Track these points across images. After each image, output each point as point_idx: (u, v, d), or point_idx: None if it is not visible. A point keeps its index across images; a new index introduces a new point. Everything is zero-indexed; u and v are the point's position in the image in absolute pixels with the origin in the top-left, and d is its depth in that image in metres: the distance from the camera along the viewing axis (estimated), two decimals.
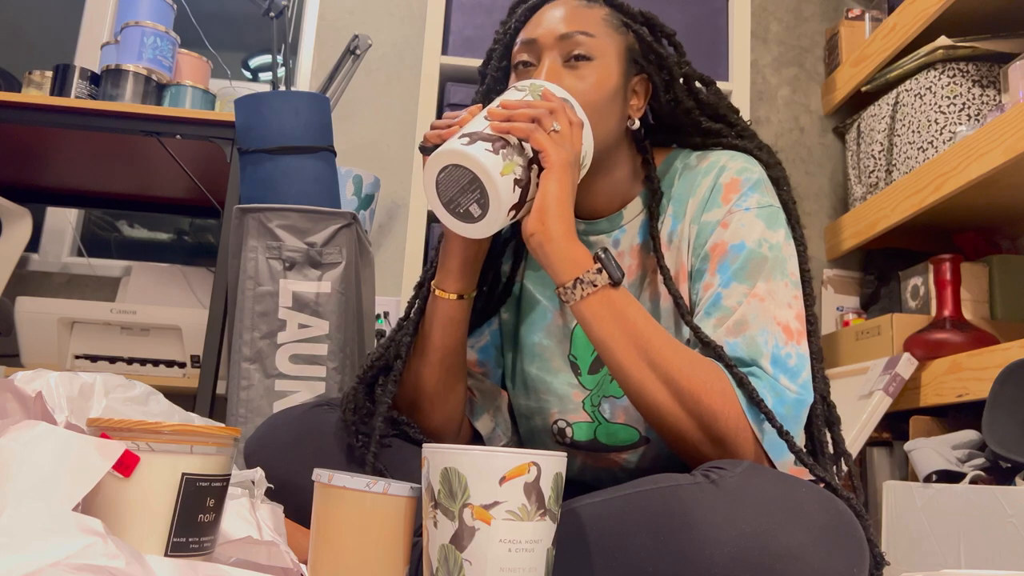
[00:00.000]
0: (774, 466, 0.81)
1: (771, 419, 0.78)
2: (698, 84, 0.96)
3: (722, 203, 0.89)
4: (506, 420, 1.04)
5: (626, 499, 0.74)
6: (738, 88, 1.93)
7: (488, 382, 1.03)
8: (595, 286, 0.78)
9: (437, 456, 0.63)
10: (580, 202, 0.94)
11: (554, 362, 0.97)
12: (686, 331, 0.90)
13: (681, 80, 0.94)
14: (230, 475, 0.65)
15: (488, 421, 1.01)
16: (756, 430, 0.79)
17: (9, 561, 0.45)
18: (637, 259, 0.94)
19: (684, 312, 0.86)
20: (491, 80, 0.96)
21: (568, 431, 0.97)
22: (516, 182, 0.78)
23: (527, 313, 1.00)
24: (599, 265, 0.78)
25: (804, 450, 0.81)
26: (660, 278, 0.91)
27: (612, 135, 0.90)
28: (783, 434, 0.78)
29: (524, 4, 0.94)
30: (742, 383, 0.78)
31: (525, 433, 1.04)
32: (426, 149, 0.83)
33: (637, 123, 0.93)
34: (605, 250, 0.79)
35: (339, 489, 0.67)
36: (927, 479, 1.41)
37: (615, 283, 0.78)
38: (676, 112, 0.96)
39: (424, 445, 0.65)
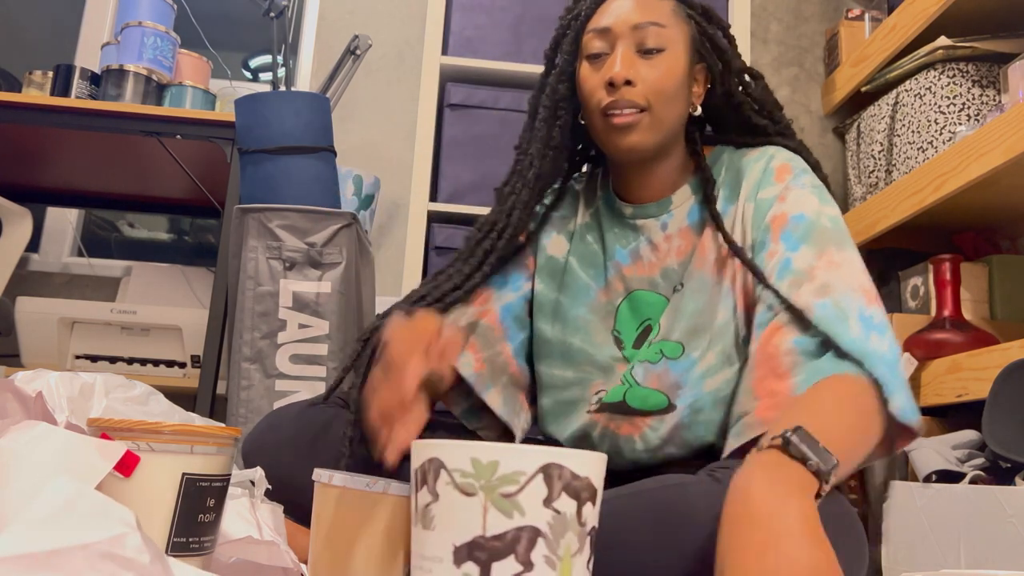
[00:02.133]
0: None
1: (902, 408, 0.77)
2: (748, 78, 1.01)
3: (776, 182, 0.93)
4: (516, 401, 1.03)
5: (631, 496, 0.75)
6: None
7: (501, 357, 1.02)
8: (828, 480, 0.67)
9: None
10: (634, 186, 1.00)
11: (598, 336, 0.99)
12: (732, 298, 0.91)
13: (734, 72, 0.99)
14: (230, 475, 0.65)
15: (497, 396, 1.00)
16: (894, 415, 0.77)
17: (40, 535, 0.45)
18: (687, 240, 0.97)
19: (762, 278, 0.89)
20: (561, 69, 0.98)
21: (600, 394, 0.98)
22: None
23: (570, 287, 1.03)
24: (813, 469, 0.65)
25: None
26: (709, 257, 0.94)
27: (678, 120, 0.95)
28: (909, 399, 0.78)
29: None
30: (877, 384, 0.77)
31: (551, 405, 1.02)
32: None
33: (699, 109, 0.98)
34: (788, 444, 0.66)
35: (339, 489, 0.67)
36: (927, 479, 1.41)
37: (830, 469, 0.66)
38: (728, 104, 1.00)
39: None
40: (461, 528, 0.54)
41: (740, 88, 1.00)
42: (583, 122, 1.01)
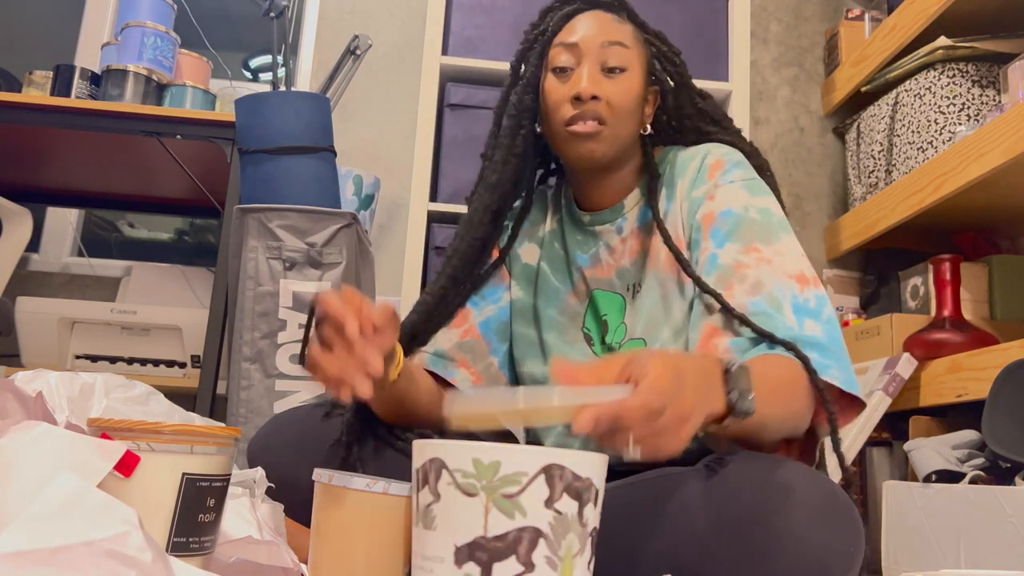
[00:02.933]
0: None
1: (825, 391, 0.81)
2: (698, 98, 1.07)
3: (708, 179, 0.98)
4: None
5: (628, 487, 0.77)
6: (738, 88, 1.93)
7: (492, 368, 1.05)
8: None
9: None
10: (589, 195, 1.05)
11: (569, 334, 1.03)
12: (687, 292, 0.95)
13: (687, 90, 1.05)
14: (230, 475, 0.65)
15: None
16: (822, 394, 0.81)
17: (44, 532, 0.45)
18: (638, 241, 1.02)
19: (686, 265, 0.93)
20: (528, 81, 1.01)
21: None
22: None
23: (544, 290, 1.07)
24: (731, 400, 0.71)
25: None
26: (660, 254, 0.98)
27: (631, 137, 1.00)
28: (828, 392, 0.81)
29: (560, 10, 1.02)
30: (807, 366, 0.81)
31: None
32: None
33: (649, 128, 1.03)
34: (725, 371, 0.72)
35: (339, 489, 0.67)
36: (927, 479, 1.41)
37: (741, 412, 0.71)
38: (679, 117, 1.06)
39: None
40: (462, 528, 0.54)
41: (691, 104, 1.06)
42: (539, 131, 1.04)
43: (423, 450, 0.58)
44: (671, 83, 1.04)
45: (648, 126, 1.03)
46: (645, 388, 0.59)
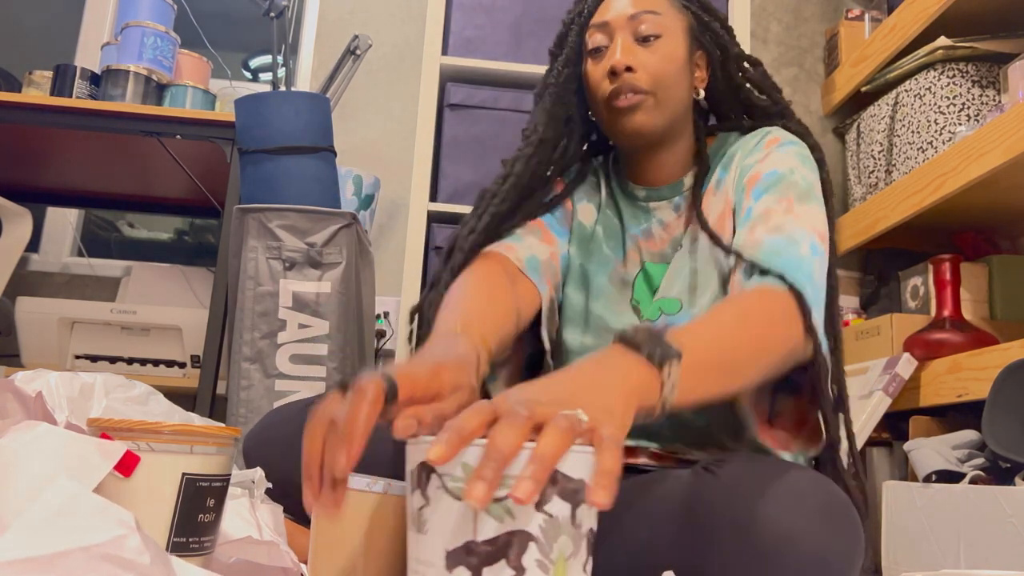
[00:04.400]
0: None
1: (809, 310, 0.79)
2: (747, 64, 1.04)
3: (764, 148, 0.97)
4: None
5: (624, 489, 0.75)
6: None
7: (544, 288, 1.00)
8: (675, 382, 0.66)
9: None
10: (647, 171, 1.03)
11: (618, 305, 1.01)
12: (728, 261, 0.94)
13: (732, 59, 1.02)
14: (230, 475, 0.65)
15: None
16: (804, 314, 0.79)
17: (40, 538, 0.45)
18: (692, 215, 1.01)
19: (721, 245, 0.92)
20: (567, 57, 1.02)
21: None
22: None
23: (595, 255, 1.05)
24: (648, 355, 0.65)
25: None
26: (711, 219, 0.97)
27: (682, 104, 0.98)
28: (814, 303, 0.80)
29: None
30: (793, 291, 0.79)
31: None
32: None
33: (702, 92, 1.02)
34: (622, 336, 0.66)
35: None
36: (927, 479, 1.41)
37: (668, 355, 0.65)
38: (728, 88, 1.04)
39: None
40: (453, 533, 0.53)
41: (740, 74, 1.03)
42: (593, 118, 1.05)
43: (415, 453, 0.58)
44: (716, 48, 1.01)
45: (701, 90, 1.01)
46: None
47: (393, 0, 2.38)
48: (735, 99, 1.05)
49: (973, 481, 1.35)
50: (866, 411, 1.66)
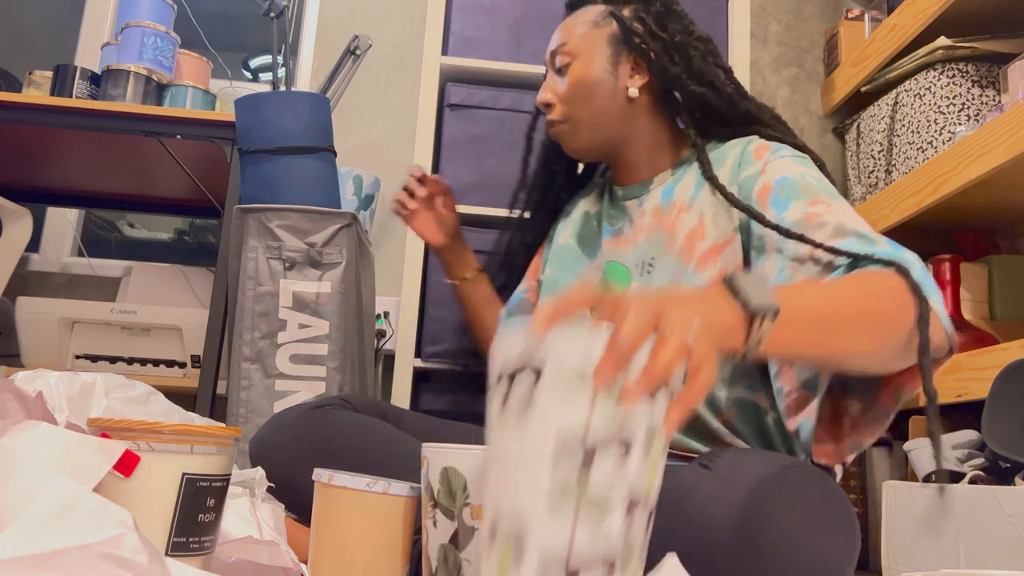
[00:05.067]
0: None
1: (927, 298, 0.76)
2: (711, 60, 1.04)
3: (755, 160, 0.96)
4: None
5: None
6: None
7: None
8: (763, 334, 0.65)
9: (437, 456, 0.63)
10: (619, 173, 1.11)
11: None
12: (697, 278, 0.94)
13: (674, 38, 1.02)
14: (230, 475, 0.65)
15: None
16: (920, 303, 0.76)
17: (38, 537, 0.45)
18: (656, 219, 1.04)
19: (758, 216, 0.88)
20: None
21: None
22: None
23: (566, 262, 1.15)
24: (744, 303, 0.64)
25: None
26: (679, 236, 0.99)
27: (609, 113, 1.04)
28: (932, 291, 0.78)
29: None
30: (901, 271, 0.77)
31: None
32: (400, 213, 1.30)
33: (635, 91, 1.03)
34: (729, 280, 0.66)
35: (339, 489, 0.67)
36: (927, 479, 1.41)
37: (765, 309, 0.64)
38: (670, 81, 1.03)
39: (424, 445, 0.65)
40: (560, 426, 0.51)
41: (679, 50, 1.02)
42: None
43: (510, 346, 0.54)
44: (647, 46, 1.02)
45: (633, 89, 1.03)
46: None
47: (393, 0, 2.38)
48: (686, 94, 1.03)
49: (973, 481, 1.35)
50: None
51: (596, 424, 0.50)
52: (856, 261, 0.80)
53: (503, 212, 1.71)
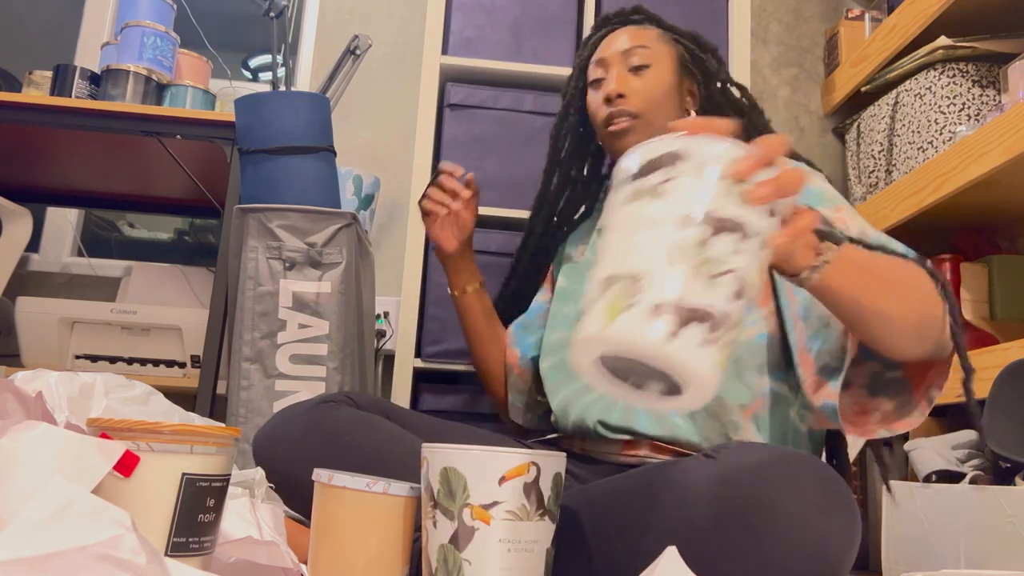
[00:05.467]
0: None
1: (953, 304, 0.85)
2: (733, 88, 1.18)
3: None
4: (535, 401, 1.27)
5: (627, 476, 0.77)
6: None
7: (512, 350, 1.27)
8: (827, 261, 0.74)
9: (437, 456, 0.63)
10: None
11: (591, 294, 1.08)
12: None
13: (719, 84, 1.16)
14: (230, 475, 0.65)
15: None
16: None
17: (36, 538, 0.45)
18: None
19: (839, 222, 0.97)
20: (570, 95, 1.22)
21: None
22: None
23: (583, 274, 1.19)
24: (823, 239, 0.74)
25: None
26: None
27: (670, 120, 1.06)
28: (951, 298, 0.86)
29: (596, 34, 1.20)
30: (935, 277, 0.84)
31: (548, 369, 1.16)
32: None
33: (694, 114, 1.14)
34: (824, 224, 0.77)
35: (339, 489, 0.67)
36: (927, 479, 1.41)
37: (834, 238, 0.74)
38: (714, 110, 1.15)
39: (424, 445, 0.65)
40: (697, 201, 0.58)
41: (723, 95, 1.16)
42: (601, 144, 1.20)
43: (648, 147, 0.61)
44: (703, 75, 1.14)
45: (693, 112, 1.13)
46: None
47: (393, 0, 2.38)
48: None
49: (973, 481, 1.35)
50: None
51: (723, 207, 0.58)
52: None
53: (503, 212, 1.72)
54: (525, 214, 1.46)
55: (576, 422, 1.05)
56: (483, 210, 1.72)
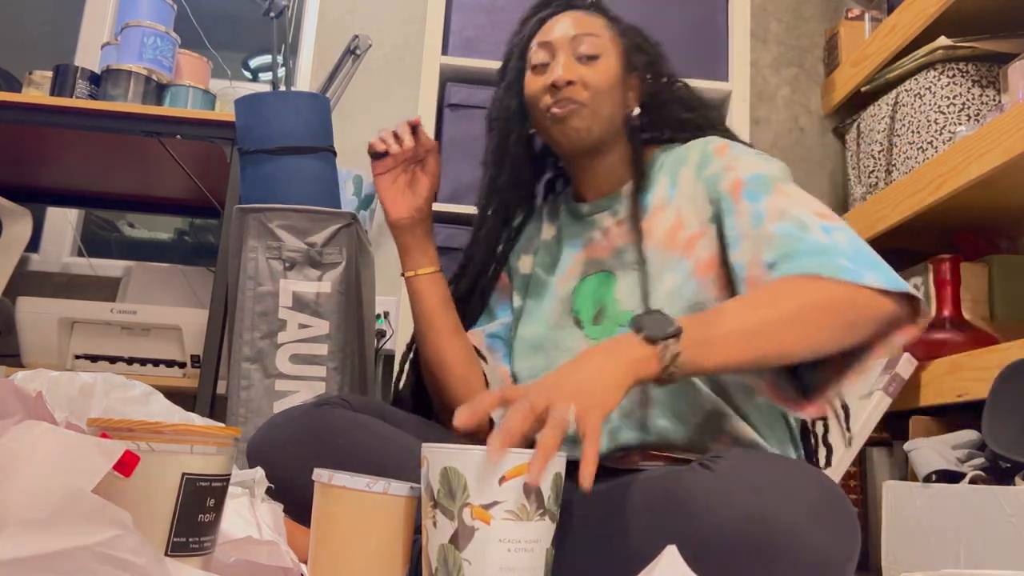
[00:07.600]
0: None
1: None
2: (677, 83, 1.13)
3: (717, 157, 1.02)
4: None
5: (622, 486, 0.77)
6: (738, 88, 1.93)
7: (500, 366, 1.14)
8: (676, 354, 0.76)
9: (437, 456, 0.63)
10: (587, 184, 1.11)
11: (559, 320, 1.06)
12: (683, 265, 0.98)
13: (663, 79, 1.11)
14: (230, 475, 0.65)
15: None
16: (858, 281, 0.83)
17: (36, 538, 0.45)
18: (633, 223, 1.06)
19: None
20: (511, 75, 1.12)
21: None
22: None
23: (535, 289, 1.13)
24: (645, 336, 0.76)
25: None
26: (658, 235, 1.03)
27: (615, 118, 1.06)
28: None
29: (537, 15, 1.13)
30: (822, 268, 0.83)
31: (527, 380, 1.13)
32: (376, 154, 1.16)
33: (637, 110, 1.08)
34: (633, 321, 0.79)
35: (339, 489, 0.67)
36: (927, 479, 1.41)
37: (665, 335, 0.76)
38: (658, 105, 1.11)
39: (424, 445, 0.65)
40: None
41: (669, 90, 1.11)
42: (532, 132, 1.12)
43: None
44: (647, 74, 1.09)
45: (636, 108, 1.08)
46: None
47: (393, 0, 2.38)
48: (667, 116, 1.11)
49: (973, 481, 1.35)
50: (866, 411, 1.66)
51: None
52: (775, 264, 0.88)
53: None
54: None
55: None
56: None
